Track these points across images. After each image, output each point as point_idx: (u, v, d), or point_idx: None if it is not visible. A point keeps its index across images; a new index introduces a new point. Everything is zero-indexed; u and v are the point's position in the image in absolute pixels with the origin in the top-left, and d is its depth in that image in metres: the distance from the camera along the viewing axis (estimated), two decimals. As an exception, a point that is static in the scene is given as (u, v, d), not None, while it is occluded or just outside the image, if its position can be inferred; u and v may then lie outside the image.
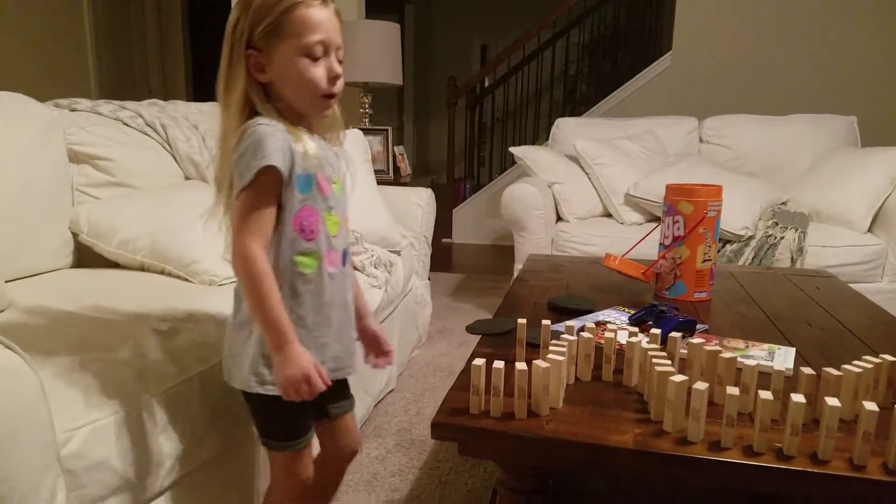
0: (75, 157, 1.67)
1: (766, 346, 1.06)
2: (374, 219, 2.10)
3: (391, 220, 2.19)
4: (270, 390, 0.94)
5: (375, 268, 1.94)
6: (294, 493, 1.04)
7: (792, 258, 2.33)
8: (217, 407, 1.07)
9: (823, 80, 3.98)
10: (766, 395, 0.74)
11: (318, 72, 0.92)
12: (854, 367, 0.83)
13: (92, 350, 1.01)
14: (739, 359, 0.97)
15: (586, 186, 2.98)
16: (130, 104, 1.92)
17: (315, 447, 1.08)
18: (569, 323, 1.05)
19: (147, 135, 1.86)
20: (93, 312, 1.16)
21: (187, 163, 1.90)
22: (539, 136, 5.27)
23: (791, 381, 0.94)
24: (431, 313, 2.61)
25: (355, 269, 1.88)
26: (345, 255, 1.01)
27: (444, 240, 4.80)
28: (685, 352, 0.95)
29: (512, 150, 3.11)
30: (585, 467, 0.78)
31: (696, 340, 0.92)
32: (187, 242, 1.49)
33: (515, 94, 5.22)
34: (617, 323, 1.24)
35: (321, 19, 0.91)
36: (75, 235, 1.58)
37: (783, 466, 0.71)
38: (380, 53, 3.14)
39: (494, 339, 1.16)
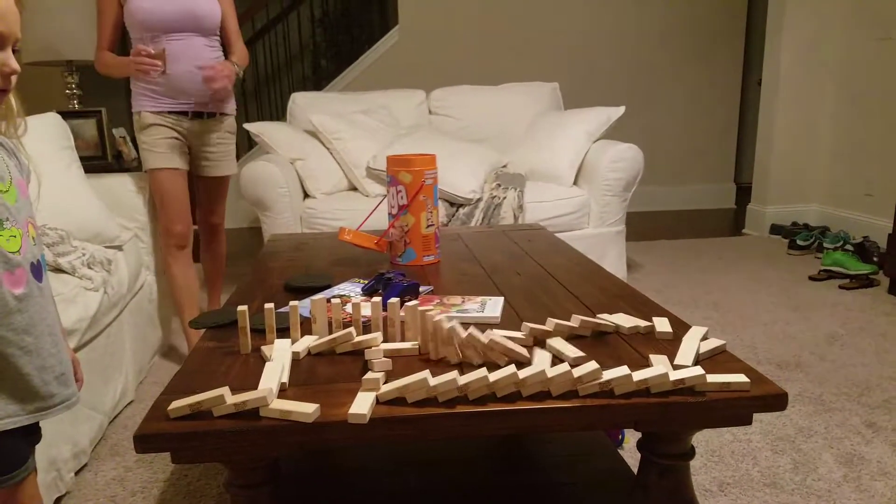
0: None
1: (479, 298, 1.15)
2: (83, 213, 1.85)
3: (105, 213, 1.95)
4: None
5: (90, 268, 1.71)
6: None
7: (514, 216, 2.59)
8: None
9: (530, 49, 4.44)
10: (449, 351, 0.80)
11: None
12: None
13: None
14: (454, 313, 1.05)
15: (329, 161, 2.97)
16: None
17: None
18: (293, 303, 1.03)
19: None
20: None
21: None
22: (286, 112, 5.12)
23: (501, 326, 1.04)
24: (174, 310, 2.40)
25: (63, 271, 1.64)
26: (36, 269, 0.87)
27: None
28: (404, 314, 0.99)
29: (247, 126, 2.96)
30: (308, 447, 0.77)
31: (412, 303, 0.97)
32: None
33: (256, 69, 4.97)
34: (351, 295, 1.25)
35: None
36: None
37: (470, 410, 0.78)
38: (88, 26, 2.74)
39: (220, 331, 1.09)
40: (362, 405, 0.76)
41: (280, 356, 0.89)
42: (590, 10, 4.44)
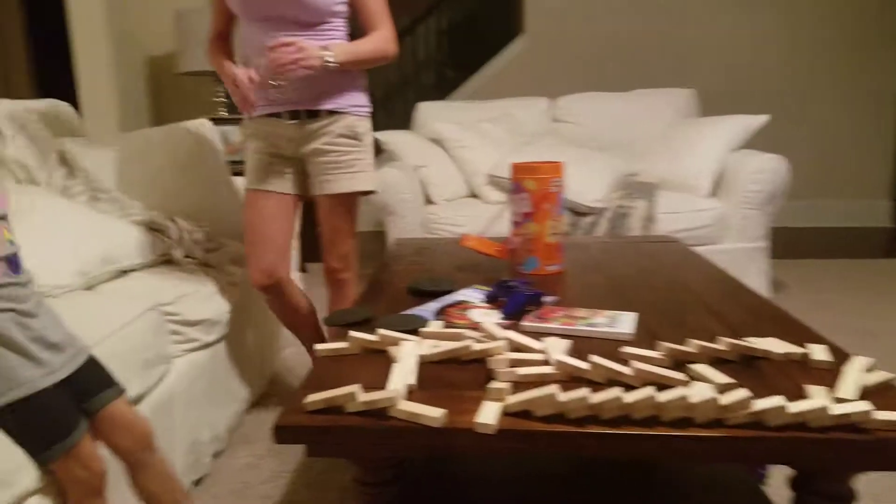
0: None
1: (609, 312, 1.10)
2: (228, 212, 2.00)
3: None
4: (12, 396, 0.86)
5: (233, 264, 1.84)
6: (88, 490, 0.94)
7: (645, 226, 2.48)
8: None
9: (665, 55, 4.25)
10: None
11: None
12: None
13: None
14: (580, 326, 1.00)
15: (451, 168, 3.01)
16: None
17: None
18: (420, 309, 1.03)
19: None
20: None
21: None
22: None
23: (635, 344, 0.98)
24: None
25: (210, 266, 1.76)
26: (12, 262, 0.92)
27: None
28: (536, 324, 0.96)
29: (375, 135, 3.07)
30: (437, 451, 0.76)
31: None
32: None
33: (385, 80, 5.16)
34: (473, 301, 1.24)
35: None
36: None
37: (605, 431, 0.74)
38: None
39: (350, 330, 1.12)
40: (489, 415, 0.74)
41: (407, 358, 0.89)
42: (734, 14, 4.18)
